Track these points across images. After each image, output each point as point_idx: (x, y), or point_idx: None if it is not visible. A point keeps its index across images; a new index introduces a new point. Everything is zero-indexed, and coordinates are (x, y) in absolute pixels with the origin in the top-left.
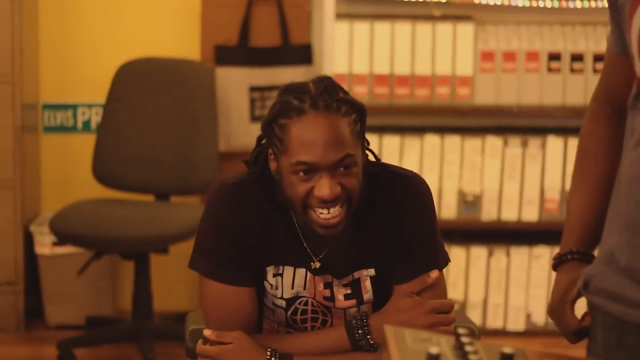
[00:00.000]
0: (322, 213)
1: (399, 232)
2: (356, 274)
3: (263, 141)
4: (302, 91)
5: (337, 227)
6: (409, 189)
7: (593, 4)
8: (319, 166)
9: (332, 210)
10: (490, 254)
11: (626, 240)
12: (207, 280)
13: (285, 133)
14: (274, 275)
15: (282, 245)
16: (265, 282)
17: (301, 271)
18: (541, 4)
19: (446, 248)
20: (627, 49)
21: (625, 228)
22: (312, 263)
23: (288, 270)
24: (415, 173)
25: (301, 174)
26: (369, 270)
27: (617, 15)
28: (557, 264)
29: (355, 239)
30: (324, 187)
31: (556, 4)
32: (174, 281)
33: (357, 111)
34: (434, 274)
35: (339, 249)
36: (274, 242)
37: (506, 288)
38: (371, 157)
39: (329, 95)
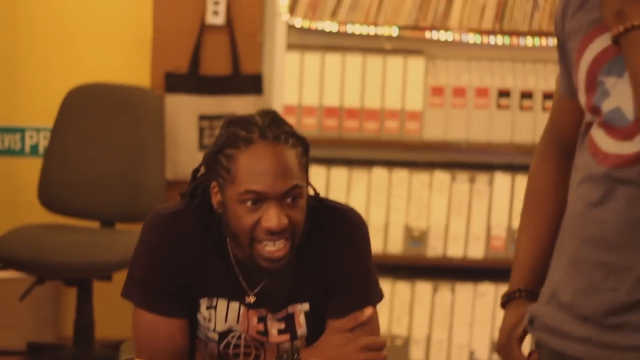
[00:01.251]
0: (267, 245)
1: (333, 267)
2: (290, 309)
3: (199, 174)
4: (249, 122)
5: (281, 260)
6: (345, 224)
7: (544, 42)
8: (267, 196)
9: (277, 243)
10: (435, 290)
11: (569, 277)
12: (139, 310)
13: (233, 163)
14: (208, 308)
15: (217, 278)
16: (199, 314)
17: (235, 305)
18: (492, 41)
19: (391, 283)
20: (574, 90)
21: (569, 265)
22: (246, 297)
23: (222, 303)
24: (351, 208)
25: (249, 203)
26: (303, 304)
27: (566, 58)
28: (505, 302)
29: (291, 273)
30: (272, 217)
31: (507, 41)
32: (116, 309)
33: (303, 145)
34: (368, 311)
35: (275, 283)
36: (208, 275)
37: (450, 324)
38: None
39: (276, 126)
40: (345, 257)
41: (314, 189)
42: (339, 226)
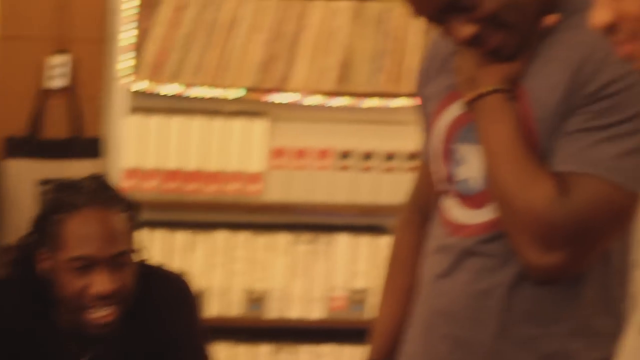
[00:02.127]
0: (96, 311)
1: (162, 334)
2: None
3: (26, 241)
4: (77, 188)
5: (109, 326)
6: (172, 291)
7: (386, 104)
8: (96, 261)
9: (106, 308)
10: (276, 352)
11: (421, 349)
12: None
13: (61, 229)
14: None
15: (45, 346)
16: None
17: None
18: (334, 103)
19: (231, 346)
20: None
21: (420, 336)
22: None
23: None
24: (180, 274)
25: (78, 269)
26: None
27: (424, 123)
28: None
29: (121, 340)
30: (100, 283)
31: (349, 102)
32: None
33: (131, 209)
34: None
35: (104, 350)
36: (36, 344)
37: None
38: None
39: (104, 191)
40: (173, 324)
41: (143, 255)
42: (167, 293)
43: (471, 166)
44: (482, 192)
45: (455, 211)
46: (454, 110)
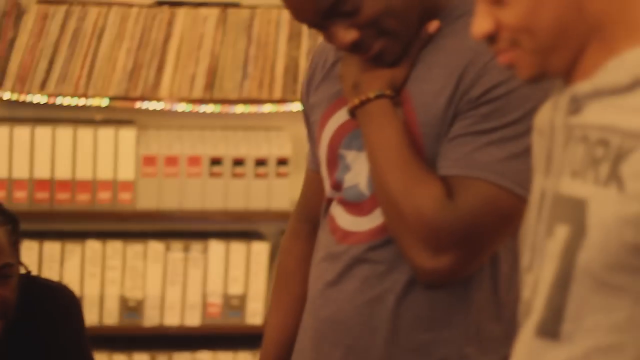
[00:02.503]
0: None
1: (47, 346)
2: None
3: None
4: None
5: None
6: (56, 302)
7: (254, 109)
8: None
9: None
10: None
11: (314, 356)
12: None
13: None
14: None
15: None
16: None
17: None
18: (202, 109)
19: (107, 355)
20: (319, 164)
21: (311, 345)
22: None
23: None
24: (63, 285)
25: None
26: None
27: (311, 131)
28: None
29: (5, 354)
30: None
31: (217, 109)
32: None
33: (12, 222)
34: None
35: None
36: None
37: None
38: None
39: None
40: (59, 334)
41: (25, 267)
42: (51, 304)
43: (358, 173)
44: (370, 199)
45: (343, 218)
46: (341, 117)
